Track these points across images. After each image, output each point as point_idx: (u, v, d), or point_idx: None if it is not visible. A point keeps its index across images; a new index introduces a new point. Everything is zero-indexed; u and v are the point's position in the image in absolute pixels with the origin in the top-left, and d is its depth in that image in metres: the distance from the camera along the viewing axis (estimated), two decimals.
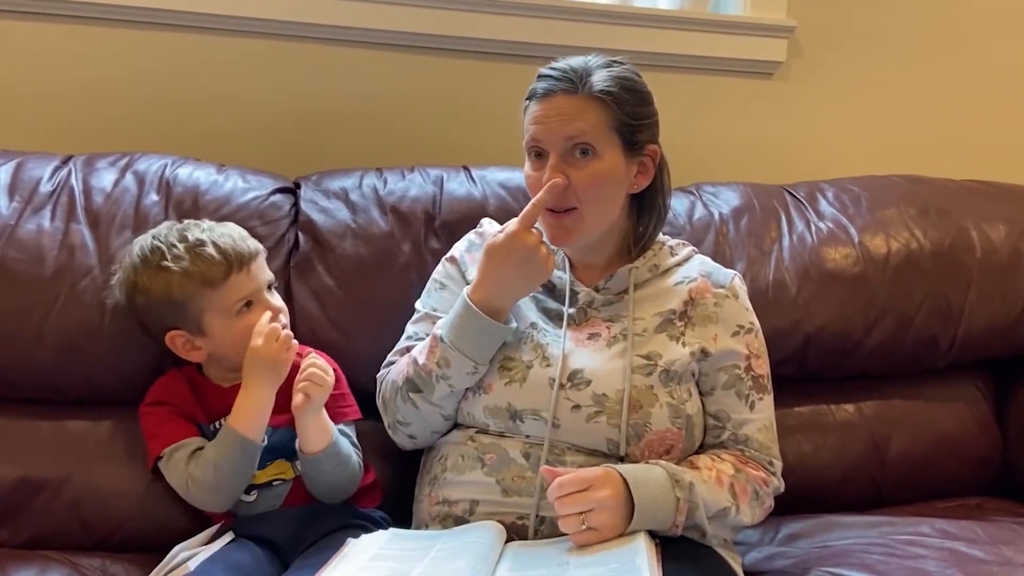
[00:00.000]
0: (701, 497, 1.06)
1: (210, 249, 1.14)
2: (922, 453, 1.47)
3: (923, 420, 1.49)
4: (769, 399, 1.18)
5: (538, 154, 1.14)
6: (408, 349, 1.21)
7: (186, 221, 1.22)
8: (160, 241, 1.17)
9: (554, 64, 1.15)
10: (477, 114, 1.65)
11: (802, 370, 1.45)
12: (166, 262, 1.14)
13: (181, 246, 1.15)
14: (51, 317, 1.23)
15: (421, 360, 1.14)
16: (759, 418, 1.16)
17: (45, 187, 1.31)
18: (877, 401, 1.48)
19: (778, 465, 1.17)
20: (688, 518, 1.05)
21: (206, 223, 1.21)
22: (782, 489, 1.18)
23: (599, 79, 1.12)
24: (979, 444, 1.51)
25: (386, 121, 1.64)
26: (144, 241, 1.19)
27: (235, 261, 1.15)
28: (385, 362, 1.24)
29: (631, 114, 1.13)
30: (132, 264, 1.18)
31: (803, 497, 1.38)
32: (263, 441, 1.14)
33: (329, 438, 1.14)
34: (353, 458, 1.18)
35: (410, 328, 1.25)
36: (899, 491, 1.45)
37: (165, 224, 1.22)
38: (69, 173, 1.33)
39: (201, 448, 1.15)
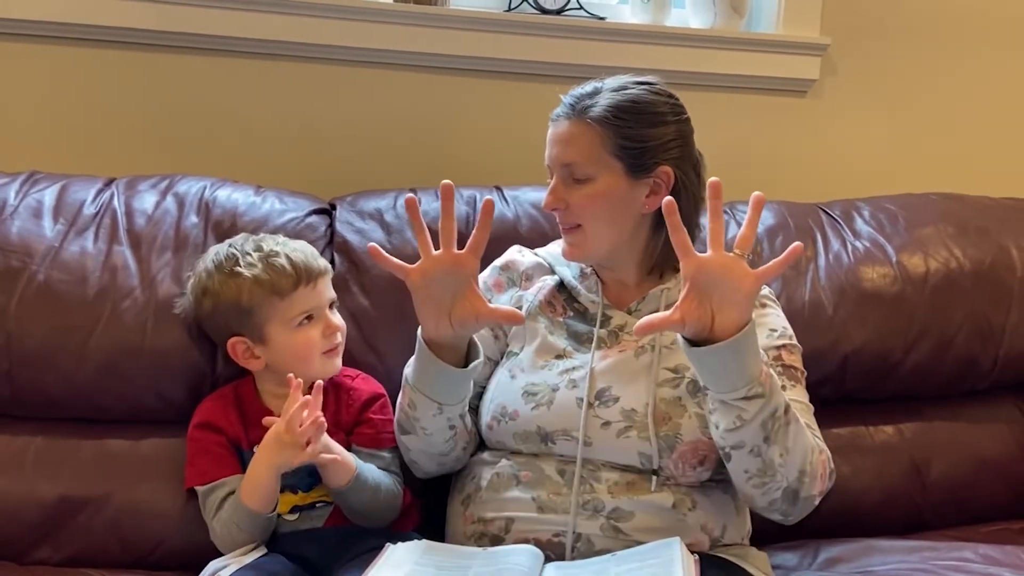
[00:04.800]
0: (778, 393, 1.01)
1: (282, 260, 1.18)
2: (963, 476, 1.44)
3: (964, 442, 1.46)
4: (803, 390, 1.16)
5: (551, 175, 1.18)
6: None
7: (261, 234, 1.26)
8: (236, 249, 1.20)
9: (573, 89, 1.18)
10: (509, 134, 1.66)
11: (840, 391, 1.43)
12: (239, 268, 1.17)
13: (255, 254, 1.19)
14: (93, 337, 1.25)
15: (400, 399, 1.15)
16: (794, 399, 1.11)
17: (88, 209, 1.34)
18: (917, 423, 1.46)
19: (821, 442, 1.11)
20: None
21: (280, 238, 1.25)
22: (832, 468, 1.11)
23: (600, 104, 1.13)
24: (1022, 467, 1.47)
25: (419, 142, 1.66)
26: (220, 248, 1.22)
27: (304, 274, 1.18)
28: None
29: (632, 137, 1.13)
30: (205, 269, 1.21)
31: (842, 520, 1.37)
32: (273, 511, 1.13)
33: (350, 473, 1.13)
34: (384, 488, 1.17)
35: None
36: (940, 515, 1.42)
37: (241, 236, 1.26)
38: (112, 196, 1.36)
39: (233, 492, 1.15)
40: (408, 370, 1.13)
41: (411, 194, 1.07)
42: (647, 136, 1.14)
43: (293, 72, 1.61)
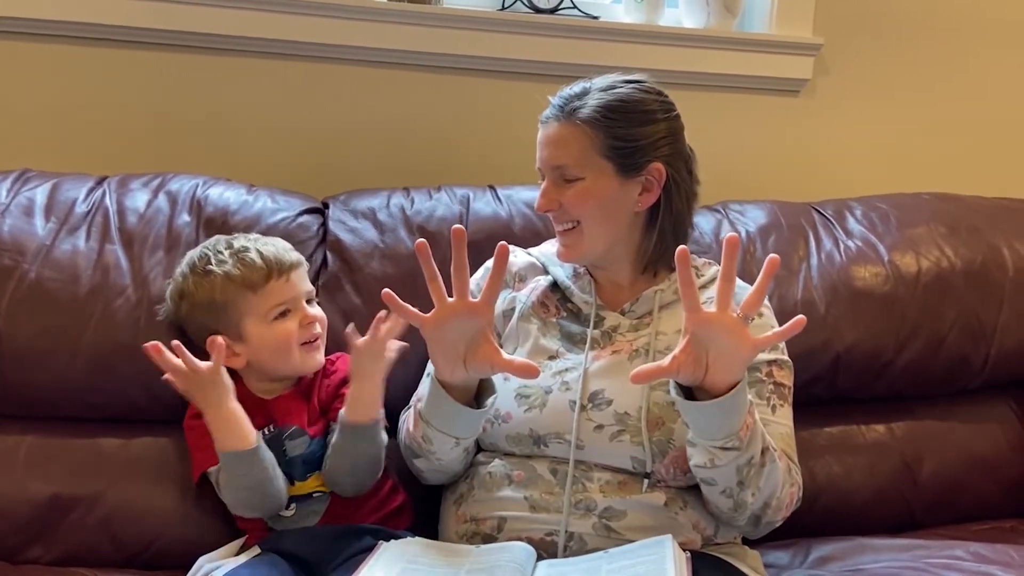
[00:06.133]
0: (758, 434, 1.03)
1: (252, 255, 1.18)
2: (954, 475, 1.45)
3: (955, 441, 1.46)
4: (789, 411, 1.17)
5: (542, 177, 1.18)
6: None
7: (236, 234, 1.27)
8: (208, 249, 1.22)
9: (561, 90, 1.17)
10: (503, 133, 1.66)
11: (832, 390, 1.43)
12: (211, 266, 1.18)
13: (226, 252, 1.20)
14: (85, 336, 1.25)
15: (411, 429, 1.15)
16: (779, 423, 1.14)
17: (80, 208, 1.33)
18: (908, 421, 1.47)
19: (796, 470, 1.15)
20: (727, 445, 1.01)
21: (254, 235, 1.26)
22: (800, 496, 1.15)
23: (589, 105, 1.13)
24: (1013, 466, 1.48)
25: (413, 141, 1.66)
26: (193, 252, 1.24)
27: (275, 267, 1.19)
28: (409, 403, 1.24)
29: (622, 136, 1.13)
30: (181, 272, 1.22)
31: (833, 519, 1.37)
32: (255, 444, 1.13)
33: (376, 412, 1.15)
34: (383, 452, 1.18)
35: (429, 365, 1.25)
36: (931, 513, 1.43)
37: (215, 237, 1.26)
38: (103, 194, 1.36)
39: None
40: (420, 405, 1.12)
41: (421, 239, 1.03)
42: (637, 135, 1.14)
43: (285, 70, 1.61)
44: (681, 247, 0.97)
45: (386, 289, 1.03)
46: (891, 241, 1.49)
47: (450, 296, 1.03)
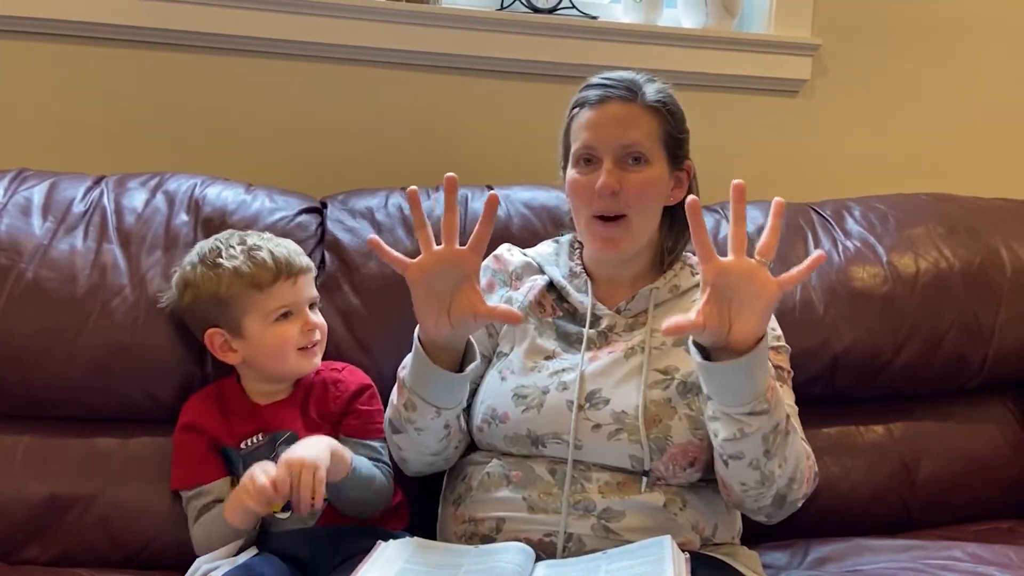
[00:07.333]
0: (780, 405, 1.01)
1: (264, 254, 1.19)
2: (952, 475, 1.45)
3: (953, 442, 1.47)
4: (790, 391, 1.16)
5: (587, 160, 1.14)
6: None
7: (248, 231, 1.27)
8: (220, 242, 1.22)
9: (606, 74, 1.16)
10: (501, 133, 1.66)
11: (830, 390, 1.43)
12: (221, 259, 1.19)
13: (238, 247, 1.20)
14: (83, 336, 1.25)
15: (395, 401, 1.14)
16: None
17: (78, 207, 1.33)
18: (906, 422, 1.47)
19: (807, 446, 1.13)
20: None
21: (267, 235, 1.26)
22: (817, 472, 1.14)
23: (652, 91, 1.14)
24: (1010, 466, 1.48)
25: (411, 140, 1.66)
26: (205, 242, 1.24)
27: (285, 269, 1.19)
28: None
29: (678, 128, 1.16)
30: (190, 261, 1.23)
31: (831, 519, 1.37)
32: (255, 527, 1.14)
33: (346, 468, 1.13)
34: (377, 479, 1.18)
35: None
36: (929, 514, 1.43)
37: (227, 231, 1.27)
38: (101, 193, 1.36)
39: (217, 501, 1.16)
40: (404, 372, 1.12)
41: (412, 187, 1.03)
42: (684, 128, 1.17)
43: (284, 70, 1.61)
44: (692, 196, 0.97)
45: (371, 236, 1.04)
46: (889, 242, 1.49)
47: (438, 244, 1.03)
